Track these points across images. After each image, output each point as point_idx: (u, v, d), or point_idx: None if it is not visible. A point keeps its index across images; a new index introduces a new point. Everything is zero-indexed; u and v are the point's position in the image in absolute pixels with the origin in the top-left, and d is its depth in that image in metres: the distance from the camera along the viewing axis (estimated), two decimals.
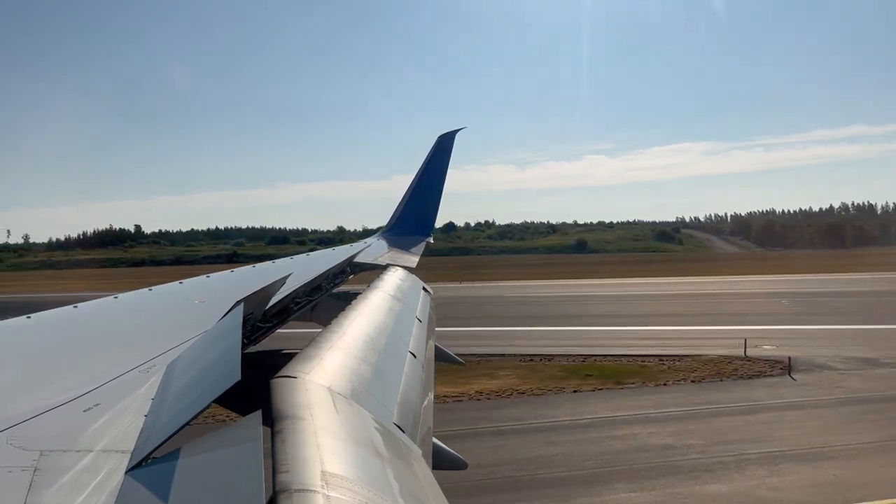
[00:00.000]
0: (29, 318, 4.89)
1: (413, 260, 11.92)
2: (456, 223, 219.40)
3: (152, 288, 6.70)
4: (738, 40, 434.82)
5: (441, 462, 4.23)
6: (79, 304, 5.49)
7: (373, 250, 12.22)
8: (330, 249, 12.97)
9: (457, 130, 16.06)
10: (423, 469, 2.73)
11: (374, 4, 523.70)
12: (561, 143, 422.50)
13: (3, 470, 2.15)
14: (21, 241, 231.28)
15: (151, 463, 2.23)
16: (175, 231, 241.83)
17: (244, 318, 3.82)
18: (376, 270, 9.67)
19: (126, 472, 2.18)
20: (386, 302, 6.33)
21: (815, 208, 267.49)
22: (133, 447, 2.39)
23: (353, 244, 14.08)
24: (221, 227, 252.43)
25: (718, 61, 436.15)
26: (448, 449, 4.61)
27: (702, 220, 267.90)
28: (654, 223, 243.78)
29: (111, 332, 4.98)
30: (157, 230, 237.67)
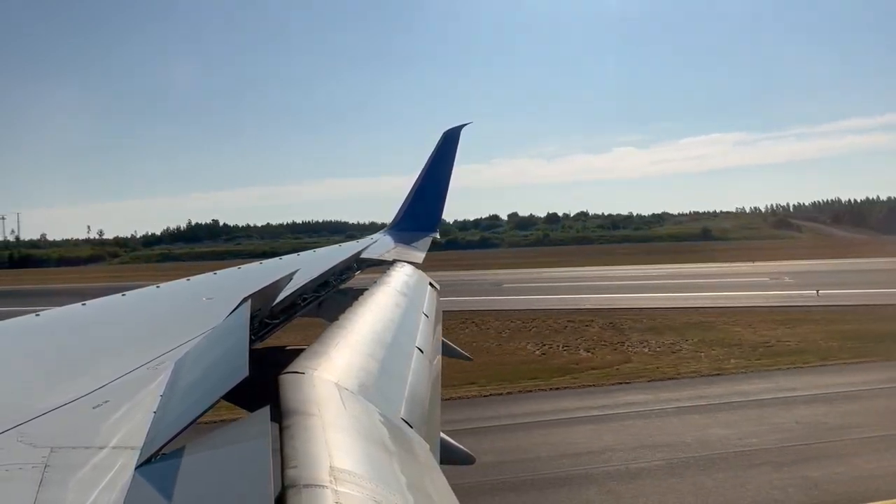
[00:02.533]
0: (37, 315, 4.91)
1: (419, 255, 11.92)
2: (559, 214, 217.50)
3: (159, 285, 6.73)
4: (767, 29, 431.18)
5: (449, 457, 4.24)
6: (87, 302, 5.52)
7: (379, 246, 12.22)
8: (336, 246, 12.97)
9: (463, 125, 16.01)
10: (431, 464, 2.73)
11: None
12: (589, 136, 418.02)
13: (13, 467, 2.17)
14: (95, 235, 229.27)
15: (160, 459, 2.24)
16: (252, 225, 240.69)
17: (251, 314, 3.82)
18: (383, 266, 9.68)
19: (135, 469, 2.19)
20: (392, 297, 6.33)
21: (883, 197, 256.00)
22: (142, 444, 2.40)
23: (360, 240, 14.09)
24: (299, 220, 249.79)
25: (748, 51, 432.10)
26: (456, 444, 4.61)
27: (762, 210, 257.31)
28: (747, 211, 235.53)
29: (119, 329, 5.00)
30: (236, 224, 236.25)
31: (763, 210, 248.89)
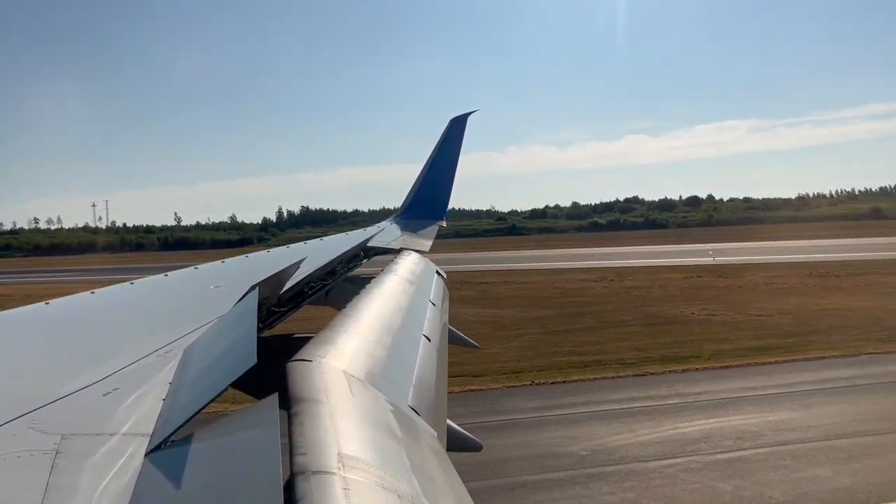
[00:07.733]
0: (47, 304, 4.95)
1: (426, 244, 11.92)
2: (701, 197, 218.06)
3: (168, 273, 6.76)
4: (779, 13, 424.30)
5: (455, 444, 4.26)
6: (95, 290, 5.55)
7: (386, 234, 12.23)
8: (343, 234, 12.99)
9: (469, 113, 15.94)
10: (438, 451, 2.75)
11: None
12: (600, 124, 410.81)
13: (25, 454, 2.19)
14: (174, 222, 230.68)
15: (170, 446, 2.26)
16: (347, 210, 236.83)
17: (259, 302, 3.84)
18: (390, 254, 9.69)
19: (145, 456, 2.21)
20: (400, 286, 6.34)
21: None
22: (152, 431, 2.42)
23: (367, 228, 14.09)
24: (377, 207, 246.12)
25: (762, 35, 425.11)
26: (462, 431, 4.63)
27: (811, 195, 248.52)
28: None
29: (128, 317, 5.03)
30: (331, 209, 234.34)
31: (828, 195, 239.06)
